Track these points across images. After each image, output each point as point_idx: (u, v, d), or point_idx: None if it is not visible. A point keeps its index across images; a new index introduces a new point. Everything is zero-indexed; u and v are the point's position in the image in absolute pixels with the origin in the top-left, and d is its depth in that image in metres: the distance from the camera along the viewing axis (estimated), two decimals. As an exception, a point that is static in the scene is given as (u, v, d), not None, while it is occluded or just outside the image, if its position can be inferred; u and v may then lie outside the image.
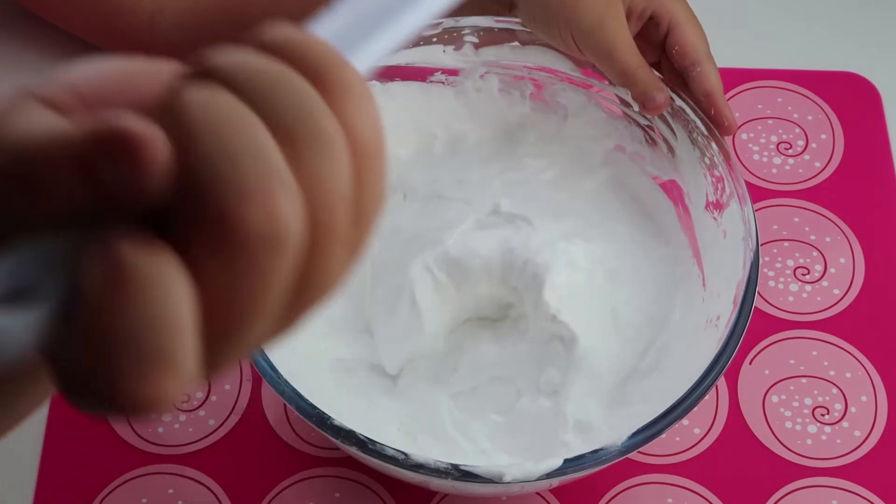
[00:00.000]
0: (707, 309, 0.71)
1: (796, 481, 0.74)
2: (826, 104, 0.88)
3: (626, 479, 0.74)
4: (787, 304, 0.80)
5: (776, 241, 0.83)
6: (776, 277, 0.81)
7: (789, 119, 0.88)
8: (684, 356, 0.71)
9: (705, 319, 0.71)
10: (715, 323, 0.69)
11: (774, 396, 0.77)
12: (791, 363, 0.78)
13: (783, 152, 0.86)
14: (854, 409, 0.77)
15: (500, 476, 0.63)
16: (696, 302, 0.73)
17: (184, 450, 0.75)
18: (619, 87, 0.73)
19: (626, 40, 0.70)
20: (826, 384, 0.78)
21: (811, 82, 0.89)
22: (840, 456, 0.75)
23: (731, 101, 0.88)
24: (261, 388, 0.76)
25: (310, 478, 0.74)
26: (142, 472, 0.74)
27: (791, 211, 0.84)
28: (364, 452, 0.63)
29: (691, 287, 0.74)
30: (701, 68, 0.72)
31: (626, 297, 0.74)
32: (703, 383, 0.65)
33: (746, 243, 0.69)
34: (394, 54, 0.74)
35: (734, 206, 0.71)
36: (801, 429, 0.76)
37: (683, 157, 0.74)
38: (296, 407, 0.64)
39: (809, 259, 0.82)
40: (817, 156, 0.86)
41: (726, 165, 0.72)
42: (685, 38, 0.71)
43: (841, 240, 0.83)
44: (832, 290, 0.81)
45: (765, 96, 0.89)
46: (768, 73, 0.89)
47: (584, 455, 0.63)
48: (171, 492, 0.73)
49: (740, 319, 0.67)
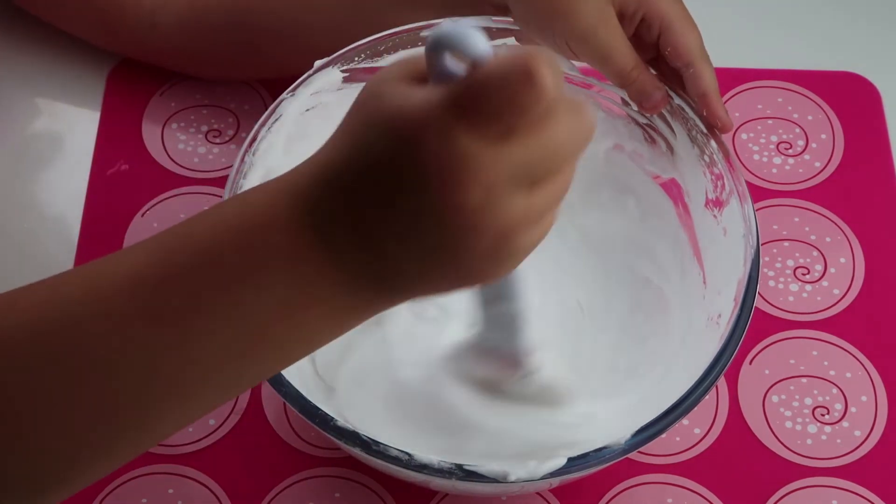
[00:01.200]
0: (708, 307, 0.71)
1: (796, 481, 0.74)
2: (826, 104, 0.88)
3: (626, 479, 0.74)
4: (787, 303, 0.80)
5: (776, 241, 0.83)
6: (776, 277, 0.81)
7: (789, 119, 0.88)
8: (685, 354, 0.71)
9: (706, 318, 0.71)
10: (716, 321, 0.69)
11: (774, 396, 0.77)
12: (791, 363, 0.78)
13: (783, 152, 0.86)
14: (854, 409, 0.77)
15: (504, 476, 0.62)
16: (696, 300, 0.73)
17: (184, 450, 0.75)
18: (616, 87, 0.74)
19: (620, 44, 0.70)
20: (826, 384, 0.78)
21: (811, 82, 0.89)
22: (840, 456, 0.75)
23: (731, 101, 0.88)
24: (261, 388, 0.76)
25: (310, 478, 0.74)
26: (141, 472, 0.74)
27: (791, 211, 0.84)
28: (367, 453, 0.63)
29: (691, 285, 0.74)
30: (694, 69, 0.71)
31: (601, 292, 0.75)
32: (705, 381, 0.65)
33: (747, 240, 0.69)
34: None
35: (734, 203, 0.71)
36: (801, 429, 0.76)
37: (683, 155, 0.74)
38: (299, 408, 0.64)
39: (809, 259, 0.82)
40: (817, 156, 0.86)
41: (726, 163, 0.72)
42: (677, 38, 0.71)
43: (841, 239, 0.83)
44: (832, 289, 0.81)
45: (765, 96, 0.89)
46: (768, 73, 0.90)
47: (588, 454, 0.63)
48: (171, 492, 0.73)
49: (742, 317, 0.67)
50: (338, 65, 0.74)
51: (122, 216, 0.82)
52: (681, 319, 0.73)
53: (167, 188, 0.84)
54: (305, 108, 0.74)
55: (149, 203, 0.83)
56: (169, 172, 0.84)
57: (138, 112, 0.87)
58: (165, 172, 0.84)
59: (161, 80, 0.87)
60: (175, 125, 0.86)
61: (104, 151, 0.85)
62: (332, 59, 0.74)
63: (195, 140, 0.86)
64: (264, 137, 0.72)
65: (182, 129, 0.86)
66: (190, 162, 0.85)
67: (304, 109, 0.74)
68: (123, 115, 0.87)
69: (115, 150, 0.85)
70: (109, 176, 0.84)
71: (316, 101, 0.74)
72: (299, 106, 0.74)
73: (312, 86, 0.74)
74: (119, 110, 0.87)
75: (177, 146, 0.86)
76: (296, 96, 0.73)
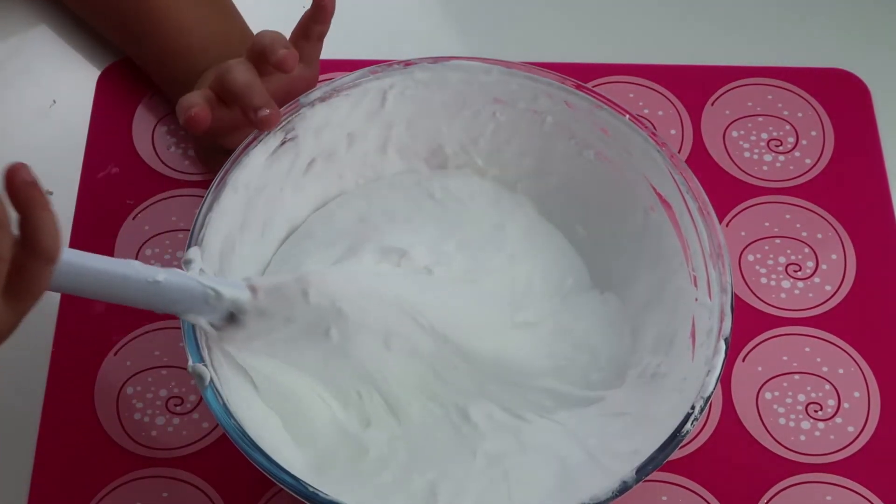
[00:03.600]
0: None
1: (790, 477, 0.75)
2: (816, 101, 0.88)
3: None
4: (779, 300, 0.80)
5: (768, 238, 0.83)
6: (768, 274, 0.81)
7: (779, 116, 0.88)
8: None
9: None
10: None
11: (768, 393, 0.77)
12: (784, 360, 0.78)
13: (774, 149, 0.87)
14: (847, 405, 0.77)
15: None
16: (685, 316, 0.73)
17: (178, 453, 0.74)
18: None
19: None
20: (819, 380, 0.78)
21: (801, 79, 0.89)
22: (834, 452, 0.75)
23: (722, 98, 0.88)
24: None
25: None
26: (136, 476, 0.74)
27: (782, 208, 0.84)
28: None
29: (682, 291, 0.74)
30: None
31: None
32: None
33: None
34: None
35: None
36: (794, 425, 0.76)
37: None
38: (277, 479, 0.64)
39: (801, 256, 0.82)
40: (808, 153, 0.86)
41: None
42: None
43: (832, 236, 0.83)
44: (824, 286, 0.81)
45: (755, 93, 0.89)
46: (758, 71, 0.90)
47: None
48: (165, 495, 0.73)
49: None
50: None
51: (113, 219, 0.82)
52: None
53: (158, 191, 0.83)
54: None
55: (140, 206, 0.83)
56: (159, 175, 0.84)
57: (128, 115, 0.87)
58: (156, 175, 0.84)
59: (151, 84, 0.87)
60: (165, 128, 0.86)
61: (94, 155, 0.85)
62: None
63: (185, 143, 0.86)
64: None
65: (172, 132, 0.86)
66: (181, 164, 0.85)
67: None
68: (113, 118, 0.87)
69: (105, 153, 0.85)
70: (100, 179, 0.84)
71: None
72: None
73: None
74: (109, 114, 0.87)
75: (167, 149, 0.85)
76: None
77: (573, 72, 0.77)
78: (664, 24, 0.92)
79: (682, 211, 0.72)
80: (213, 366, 0.66)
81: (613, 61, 0.89)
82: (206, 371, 0.65)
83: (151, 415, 0.76)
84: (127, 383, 0.77)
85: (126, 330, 0.78)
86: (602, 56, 0.90)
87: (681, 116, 0.87)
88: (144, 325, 0.78)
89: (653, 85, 0.88)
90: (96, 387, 0.76)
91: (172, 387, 0.76)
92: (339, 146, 0.78)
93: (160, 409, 0.76)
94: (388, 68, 0.76)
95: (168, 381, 0.77)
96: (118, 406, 0.76)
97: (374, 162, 0.79)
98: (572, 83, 0.76)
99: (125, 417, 0.75)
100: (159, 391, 0.76)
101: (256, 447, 0.63)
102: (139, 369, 0.77)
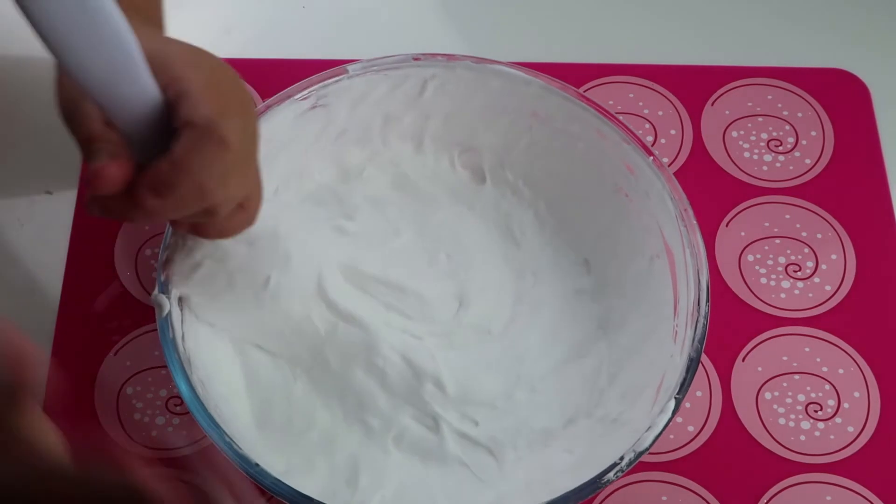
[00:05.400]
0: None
1: (790, 477, 0.75)
2: (816, 101, 0.88)
3: (621, 477, 0.74)
4: (778, 300, 0.81)
5: (767, 239, 0.83)
6: (768, 274, 0.82)
7: (779, 116, 0.88)
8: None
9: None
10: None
11: (767, 393, 0.77)
12: (784, 360, 0.78)
13: (773, 149, 0.87)
14: (847, 405, 0.77)
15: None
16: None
17: (178, 453, 0.74)
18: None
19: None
20: (819, 380, 0.78)
21: (801, 79, 0.89)
22: (833, 452, 0.75)
23: (722, 98, 0.88)
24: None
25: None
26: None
27: (782, 208, 0.84)
28: None
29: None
30: None
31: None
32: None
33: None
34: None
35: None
36: (794, 425, 0.76)
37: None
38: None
39: (801, 256, 0.82)
40: (807, 153, 0.87)
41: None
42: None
43: (832, 236, 0.83)
44: (824, 286, 0.81)
45: (755, 94, 0.89)
46: (758, 71, 0.90)
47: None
48: (165, 495, 0.73)
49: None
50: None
51: (112, 222, 0.82)
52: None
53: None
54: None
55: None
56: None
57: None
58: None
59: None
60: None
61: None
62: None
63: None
64: None
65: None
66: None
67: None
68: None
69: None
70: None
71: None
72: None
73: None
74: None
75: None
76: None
77: (573, 72, 0.77)
78: (664, 25, 0.92)
79: (680, 263, 0.72)
80: (182, 320, 0.68)
81: (613, 61, 0.89)
82: (167, 302, 0.67)
83: (151, 415, 0.76)
84: (127, 383, 0.77)
85: (126, 330, 0.78)
86: (602, 56, 0.90)
87: (681, 116, 0.87)
88: (144, 325, 0.78)
89: (653, 85, 0.88)
90: (96, 387, 0.76)
91: (172, 387, 0.76)
92: (374, 124, 0.78)
93: (160, 409, 0.76)
94: (430, 58, 0.76)
95: (168, 381, 0.77)
96: (118, 406, 0.76)
97: (408, 154, 0.81)
98: (605, 111, 0.75)
99: (125, 417, 0.76)
100: (159, 391, 0.76)
101: (187, 380, 0.66)
102: (139, 369, 0.77)
